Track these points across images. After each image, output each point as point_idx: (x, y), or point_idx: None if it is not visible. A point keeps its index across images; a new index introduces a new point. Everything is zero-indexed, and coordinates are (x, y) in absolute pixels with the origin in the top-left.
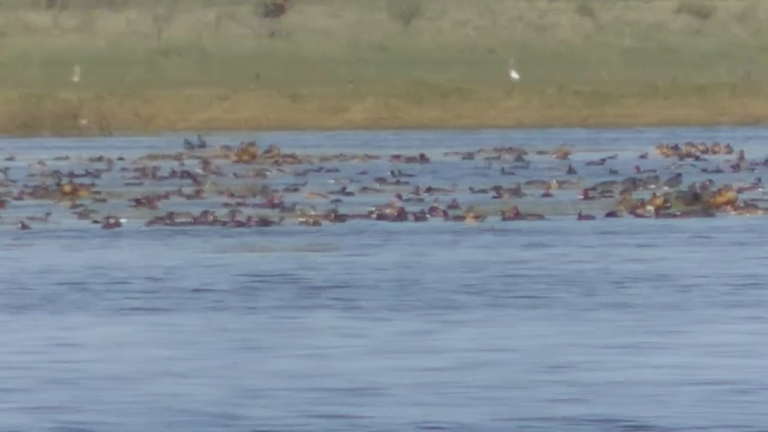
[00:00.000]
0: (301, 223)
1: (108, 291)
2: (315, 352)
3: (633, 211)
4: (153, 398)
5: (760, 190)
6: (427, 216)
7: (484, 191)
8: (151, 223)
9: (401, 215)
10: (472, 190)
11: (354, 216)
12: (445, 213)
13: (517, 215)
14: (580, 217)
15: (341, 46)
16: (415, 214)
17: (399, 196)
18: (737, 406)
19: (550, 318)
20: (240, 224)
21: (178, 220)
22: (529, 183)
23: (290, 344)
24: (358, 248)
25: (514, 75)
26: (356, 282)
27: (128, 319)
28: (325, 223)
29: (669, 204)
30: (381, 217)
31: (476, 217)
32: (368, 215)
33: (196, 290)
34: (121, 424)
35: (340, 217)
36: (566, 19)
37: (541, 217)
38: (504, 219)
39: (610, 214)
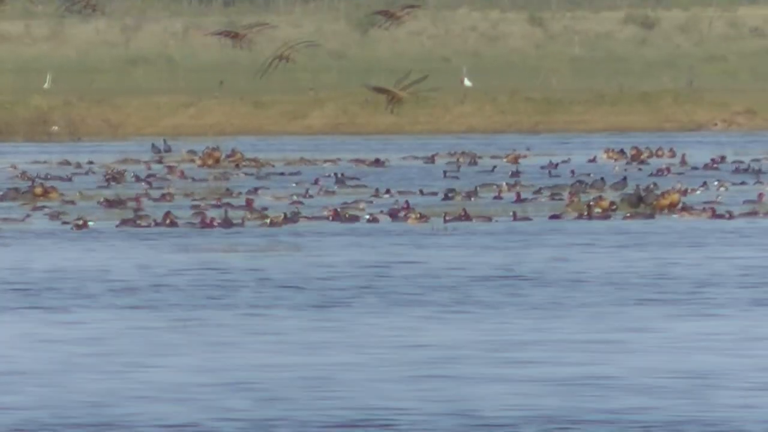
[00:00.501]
0: (262, 224)
1: (46, 290)
2: (221, 348)
3: (580, 213)
4: (54, 392)
5: (698, 192)
6: (378, 217)
7: (434, 194)
8: (120, 224)
9: (352, 217)
10: (422, 192)
11: (312, 218)
12: (390, 214)
13: (466, 217)
14: (515, 218)
15: (301, 54)
16: (370, 215)
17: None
18: (667, 398)
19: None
20: (204, 225)
21: (145, 222)
22: (482, 186)
23: (196, 341)
24: (304, 248)
25: (467, 83)
26: (283, 281)
27: (44, 317)
28: (283, 224)
29: (615, 206)
30: (335, 218)
31: (419, 219)
32: (326, 217)
33: (126, 289)
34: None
35: (293, 219)
36: (517, 29)
37: (488, 219)
38: (448, 221)
39: (554, 216)
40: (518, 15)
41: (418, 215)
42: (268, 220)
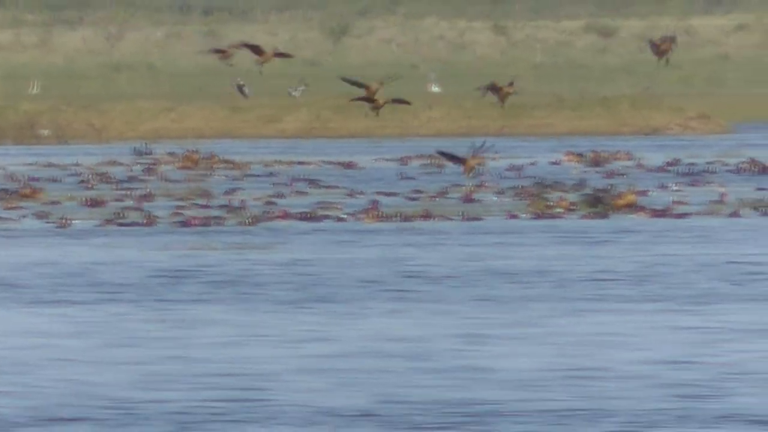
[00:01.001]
0: (239, 223)
1: (33, 285)
2: (201, 342)
3: (541, 213)
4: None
5: (652, 193)
6: (345, 217)
7: (404, 195)
8: (103, 223)
9: (319, 217)
10: (385, 194)
11: (286, 217)
12: (352, 214)
13: (428, 216)
14: (464, 218)
15: (277, 62)
16: (338, 215)
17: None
18: (590, 390)
19: (417, 311)
20: (184, 224)
21: (127, 220)
22: (452, 186)
23: (180, 335)
24: (275, 246)
25: (435, 88)
26: (258, 278)
27: (33, 311)
28: (260, 223)
29: (575, 206)
30: (302, 218)
31: (378, 218)
32: (298, 216)
33: (106, 284)
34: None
35: (268, 218)
36: (483, 38)
37: (449, 218)
38: (404, 220)
39: (513, 216)
40: (483, 24)
41: (375, 215)
42: (245, 219)
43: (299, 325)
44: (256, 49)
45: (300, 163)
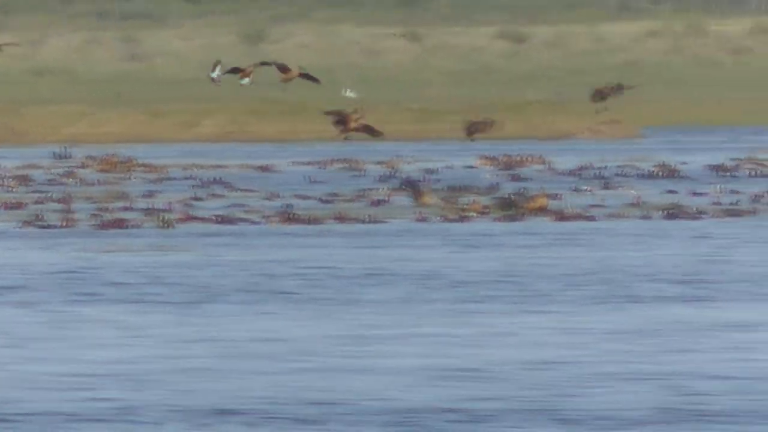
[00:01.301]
0: (156, 225)
1: None
2: (86, 343)
3: (453, 216)
4: None
5: (564, 197)
6: (256, 220)
7: (319, 198)
8: (21, 225)
9: (233, 219)
10: (301, 197)
11: (202, 219)
12: (266, 217)
13: (341, 219)
14: (370, 221)
15: (193, 67)
16: (251, 218)
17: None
18: (461, 389)
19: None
20: (102, 227)
21: (47, 222)
22: (369, 190)
23: (67, 336)
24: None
25: (350, 93)
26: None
27: None
28: (176, 226)
29: (488, 209)
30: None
31: (286, 221)
32: (213, 219)
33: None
34: None
35: (184, 221)
36: (397, 44)
37: (362, 221)
38: (312, 223)
39: (421, 219)
40: (397, 30)
41: (284, 218)
42: (161, 222)
43: (186, 326)
44: (282, 68)
45: (217, 166)
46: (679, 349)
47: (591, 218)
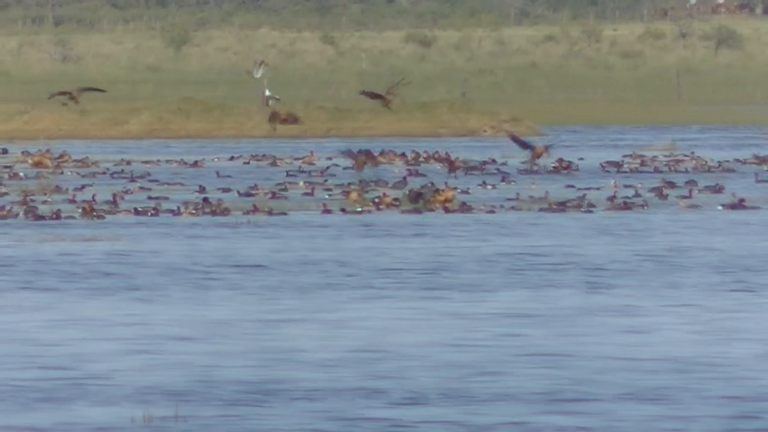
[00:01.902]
0: (86, 217)
1: None
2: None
3: (358, 208)
4: None
5: (470, 190)
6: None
7: (240, 191)
8: None
9: (156, 211)
10: (223, 190)
11: (129, 212)
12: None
13: (255, 211)
14: (270, 213)
15: (122, 68)
16: (173, 210)
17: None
18: (374, 370)
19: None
20: (38, 218)
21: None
22: (290, 184)
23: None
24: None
25: (268, 93)
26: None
27: None
28: (106, 217)
29: (397, 202)
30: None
31: (196, 213)
32: (145, 212)
33: None
34: None
35: (113, 213)
36: (312, 47)
37: (284, 213)
38: (221, 214)
39: (326, 211)
40: (312, 34)
41: (195, 210)
42: (92, 214)
43: (111, 311)
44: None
45: (144, 162)
46: (568, 333)
47: (491, 211)
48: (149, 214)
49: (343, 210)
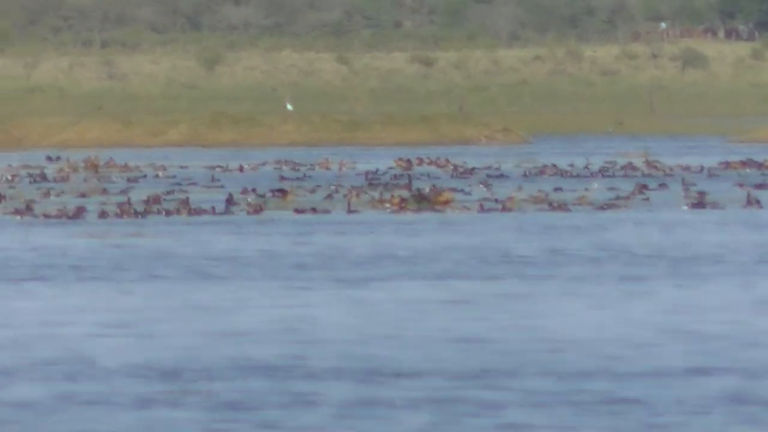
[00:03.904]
0: (129, 215)
1: None
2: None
3: (375, 207)
4: None
5: (469, 192)
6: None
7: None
8: (14, 214)
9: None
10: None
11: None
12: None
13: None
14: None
15: (161, 85)
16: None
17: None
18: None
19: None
20: (101, 216)
21: (39, 212)
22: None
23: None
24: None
25: (290, 107)
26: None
27: None
28: (149, 216)
29: (405, 203)
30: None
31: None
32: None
33: None
34: None
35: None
36: (328, 66)
37: (314, 210)
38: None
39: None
40: (329, 55)
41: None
42: (136, 213)
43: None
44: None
45: (182, 167)
46: (481, 317)
47: (486, 210)
48: (190, 213)
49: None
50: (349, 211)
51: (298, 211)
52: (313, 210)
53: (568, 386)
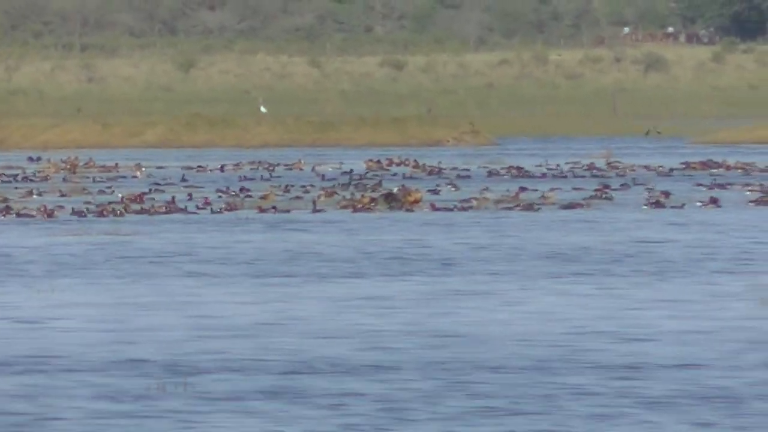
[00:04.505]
0: (109, 214)
1: None
2: None
3: (347, 207)
4: None
5: (440, 191)
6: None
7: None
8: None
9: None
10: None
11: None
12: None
13: (261, 210)
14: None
15: (138, 88)
16: (186, 207)
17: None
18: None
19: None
20: (80, 215)
21: (20, 212)
22: (276, 187)
23: None
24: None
25: (263, 109)
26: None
27: None
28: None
29: (374, 202)
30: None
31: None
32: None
33: None
34: None
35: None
36: (301, 70)
37: (287, 211)
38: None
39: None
40: (302, 59)
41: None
42: (115, 211)
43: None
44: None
45: (159, 167)
46: (442, 312)
47: (451, 209)
48: (170, 211)
49: (351, 208)
50: (315, 211)
51: (262, 210)
52: (274, 209)
53: (454, 379)
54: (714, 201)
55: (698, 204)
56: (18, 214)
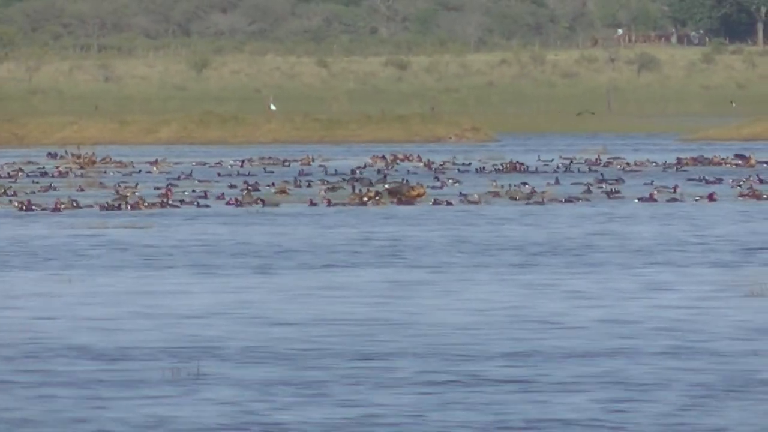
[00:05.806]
0: (128, 207)
1: None
2: None
3: (353, 201)
4: None
5: (445, 186)
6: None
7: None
8: (18, 209)
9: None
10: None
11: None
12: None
13: (264, 202)
14: (233, 203)
15: (153, 87)
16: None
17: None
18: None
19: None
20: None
21: (37, 206)
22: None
23: None
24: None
25: (273, 107)
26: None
27: None
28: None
29: (379, 197)
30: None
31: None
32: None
33: None
34: None
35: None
36: (309, 69)
37: (277, 205)
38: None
39: (313, 204)
40: (310, 59)
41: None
42: (129, 205)
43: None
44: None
45: (175, 163)
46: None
47: (450, 203)
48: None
49: (359, 202)
50: (311, 204)
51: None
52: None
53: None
54: (709, 196)
55: (691, 198)
56: (36, 208)
